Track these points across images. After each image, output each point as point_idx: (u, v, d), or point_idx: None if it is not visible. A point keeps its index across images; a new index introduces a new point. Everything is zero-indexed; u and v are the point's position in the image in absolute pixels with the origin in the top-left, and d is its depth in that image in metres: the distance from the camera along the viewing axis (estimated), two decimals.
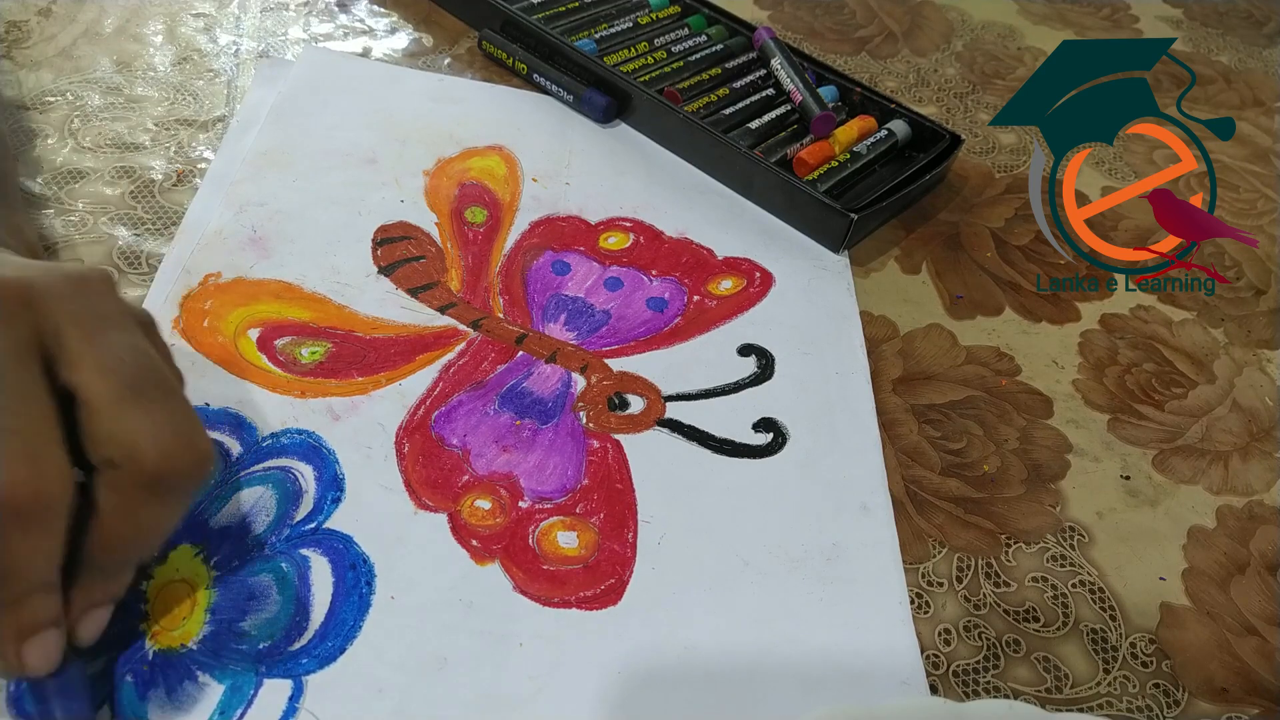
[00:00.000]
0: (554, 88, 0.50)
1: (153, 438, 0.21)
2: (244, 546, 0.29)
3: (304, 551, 0.29)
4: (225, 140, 0.43)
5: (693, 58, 0.52)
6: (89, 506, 0.22)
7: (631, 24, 0.54)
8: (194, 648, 0.26)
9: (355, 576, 0.29)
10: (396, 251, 0.40)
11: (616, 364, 0.37)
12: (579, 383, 0.36)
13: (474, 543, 0.30)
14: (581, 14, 0.55)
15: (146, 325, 0.24)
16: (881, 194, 0.45)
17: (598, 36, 0.53)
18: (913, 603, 0.31)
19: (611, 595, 0.30)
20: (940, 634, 0.31)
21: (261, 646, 0.27)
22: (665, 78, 0.50)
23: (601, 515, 0.32)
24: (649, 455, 0.34)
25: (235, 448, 0.31)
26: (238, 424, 0.32)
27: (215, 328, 0.35)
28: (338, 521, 0.30)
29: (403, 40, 0.53)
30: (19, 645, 0.22)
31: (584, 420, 0.35)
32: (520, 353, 0.37)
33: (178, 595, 0.27)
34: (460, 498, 0.31)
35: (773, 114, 0.49)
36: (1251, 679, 0.31)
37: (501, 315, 0.38)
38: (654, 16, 0.56)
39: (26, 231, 0.31)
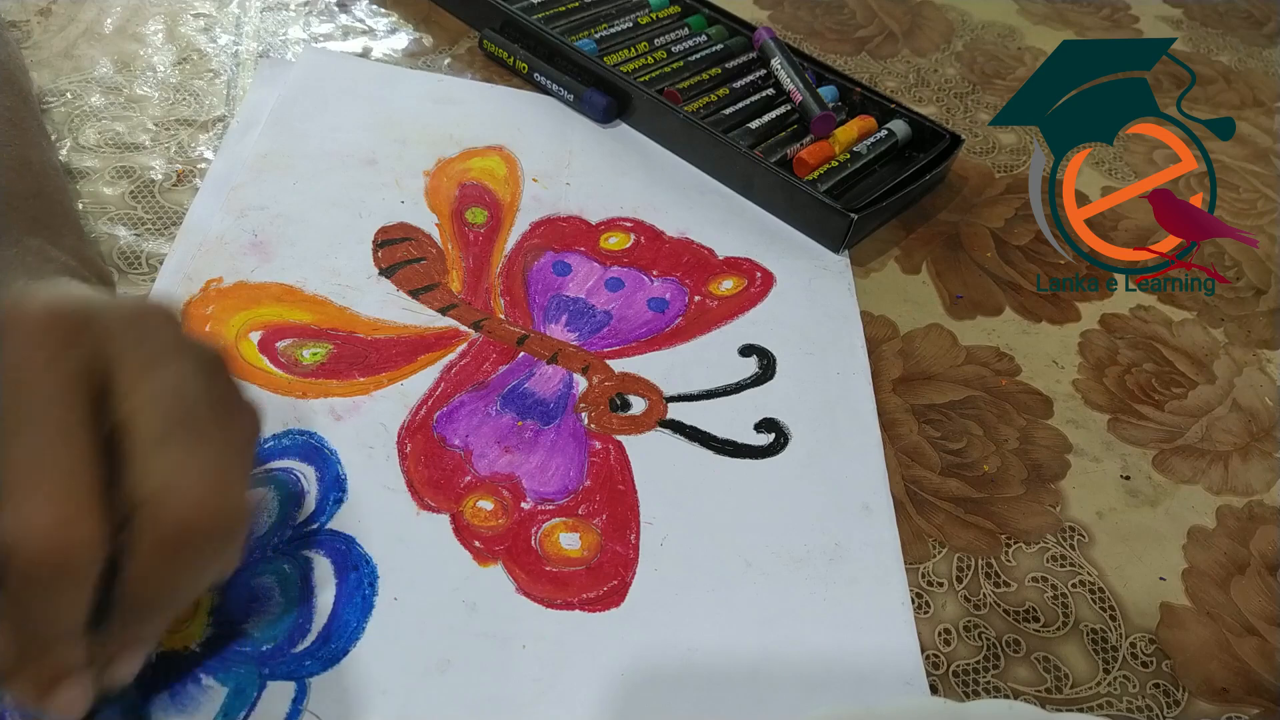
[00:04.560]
0: (554, 87, 0.50)
1: (182, 486, 0.20)
2: (246, 548, 0.29)
3: (306, 553, 0.29)
4: (225, 141, 0.43)
5: (693, 58, 0.52)
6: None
7: (631, 24, 0.54)
8: (197, 650, 0.26)
9: (358, 578, 0.29)
10: (397, 253, 0.40)
11: (618, 365, 0.37)
12: (580, 383, 0.36)
13: (476, 544, 0.30)
14: (581, 14, 0.55)
15: (213, 361, 0.23)
16: (881, 194, 0.45)
17: (598, 36, 0.53)
18: (913, 603, 0.31)
19: (614, 597, 0.30)
20: (940, 634, 0.31)
21: (264, 648, 0.27)
22: (665, 78, 0.50)
23: (604, 516, 0.32)
24: (651, 456, 0.34)
25: None
26: None
27: (217, 332, 0.35)
28: (340, 522, 0.30)
29: (403, 40, 0.53)
30: (45, 692, 0.21)
31: (586, 421, 0.35)
32: (521, 353, 0.37)
33: None
34: (462, 498, 0.31)
35: (773, 114, 0.49)
36: (1251, 679, 0.31)
37: (502, 316, 0.38)
38: (654, 16, 0.56)
39: (99, 263, 0.30)
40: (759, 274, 0.42)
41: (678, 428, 0.35)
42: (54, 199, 0.29)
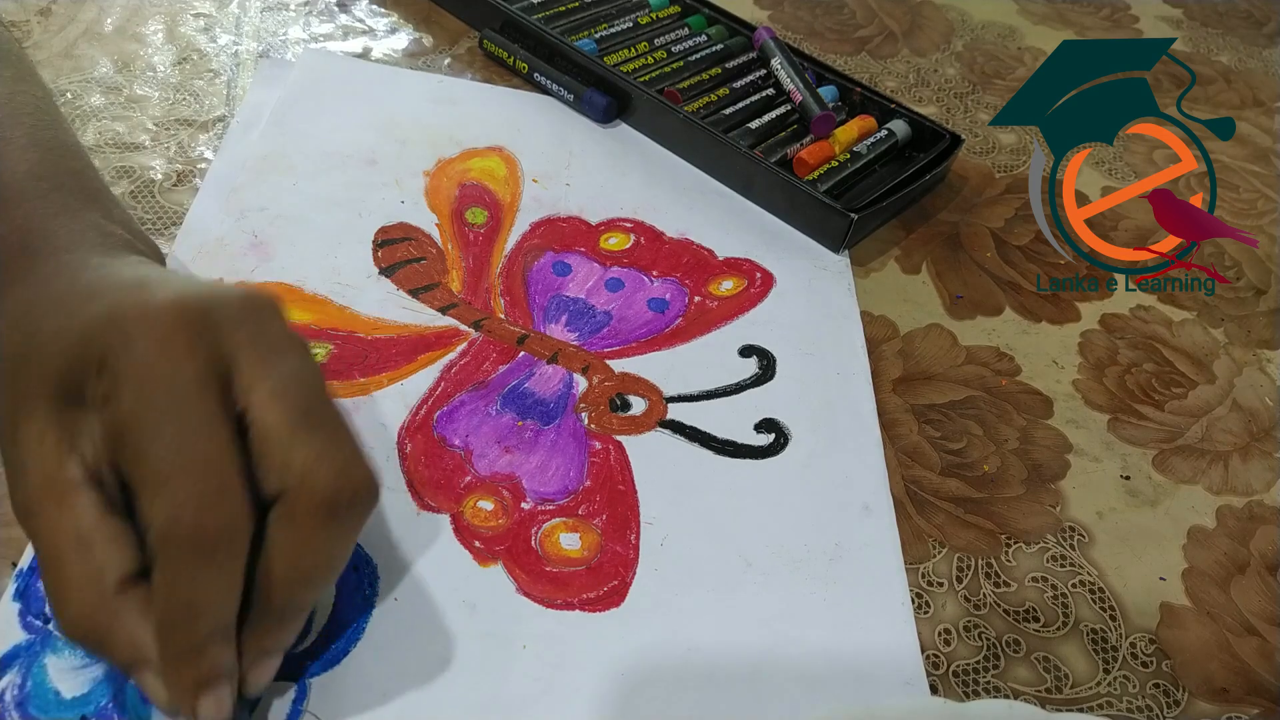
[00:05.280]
0: (554, 87, 0.50)
1: (326, 464, 0.21)
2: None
3: None
4: (225, 141, 0.43)
5: (693, 58, 0.52)
6: (258, 549, 0.21)
7: (631, 24, 0.54)
8: None
9: (358, 578, 0.29)
10: (397, 253, 0.40)
11: (618, 365, 0.37)
12: (580, 384, 0.36)
13: (477, 544, 0.30)
14: (581, 14, 0.55)
15: (308, 350, 0.24)
16: (881, 194, 0.45)
17: (598, 36, 0.53)
18: (913, 603, 0.31)
19: (614, 597, 0.30)
20: (940, 634, 0.31)
21: None
22: (665, 78, 0.50)
23: (604, 517, 0.32)
24: (651, 456, 0.34)
25: None
26: None
27: None
28: None
29: (403, 40, 0.53)
30: (195, 697, 0.21)
31: (586, 421, 0.35)
32: (522, 353, 0.37)
33: None
34: (463, 499, 0.31)
35: (773, 114, 0.49)
36: (1251, 679, 0.31)
37: (503, 316, 0.38)
38: (654, 16, 0.56)
39: (146, 236, 0.31)
40: (759, 274, 0.42)
41: (678, 428, 0.35)
42: (92, 176, 0.30)
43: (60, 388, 0.21)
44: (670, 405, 0.36)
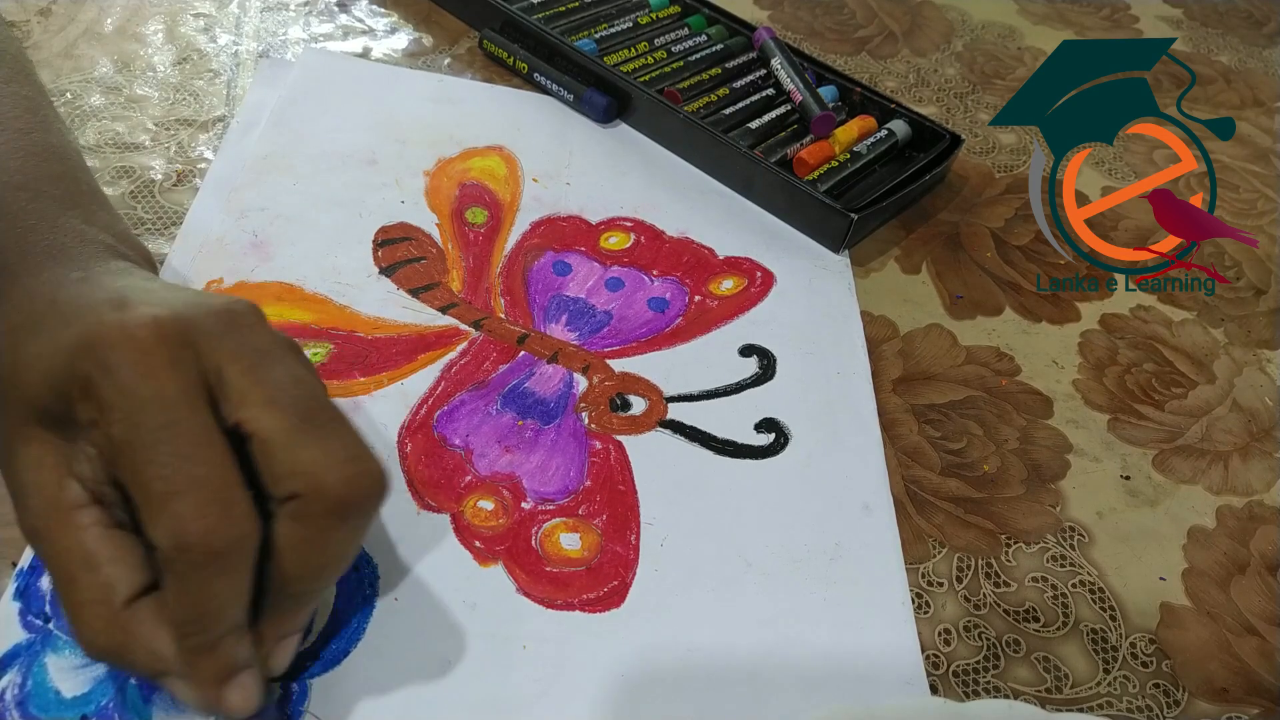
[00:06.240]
0: (554, 87, 0.50)
1: (333, 467, 0.21)
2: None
3: None
4: (225, 141, 0.43)
5: (693, 58, 0.52)
6: (268, 542, 0.21)
7: (631, 24, 0.54)
8: None
9: (359, 578, 0.29)
10: (397, 253, 0.40)
11: (618, 364, 0.37)
12: (581, 383, 0.36)
13: (477, 544, 0.30)
14: (581, 14, 0.55)
15: (300, 350, 0.24)
16: (881, 194, 0.45)
17: (598, 36, 0.53)
18: (913, 603, 0.31)
19: (614, 598, 0.30)
20: (940, 634, 0.31)
21: None
22: (665, 78, 0.50)
23: (604, 517, 0.32)
24: (651, 456, 0.34)
25: None
26: None
27: None
28: None
29: (403, 40, 0.53)
30: (220, 689, 0.22)
31: (586, 421, 0.35)
32: (522, 353, 0.37)
33: None
34: (463, 498, 0.31)
35: (773, 114, 0.49)
36: (1251, 679, 0.31)
37: (503, 315, 0.38)
38: (654, 16, 0.56)
39: (134, 238, 0.31)
40: (759, 274, 0.42)
41: (678, 428, 0.35)
42: (80, 178, 0.30)
43: (48, 413, 0.21)
44: (670, 405, 0.36)
